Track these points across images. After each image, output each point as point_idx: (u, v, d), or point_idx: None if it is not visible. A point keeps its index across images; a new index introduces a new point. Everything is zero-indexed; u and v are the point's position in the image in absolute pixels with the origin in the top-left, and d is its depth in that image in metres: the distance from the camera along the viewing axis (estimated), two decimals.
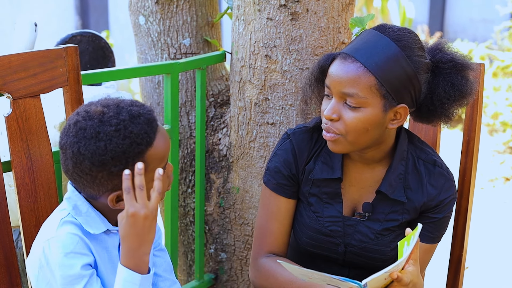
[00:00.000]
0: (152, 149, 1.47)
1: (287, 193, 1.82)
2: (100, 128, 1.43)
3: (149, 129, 1.46)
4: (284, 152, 1.80)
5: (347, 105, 1.63)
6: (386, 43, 1.62)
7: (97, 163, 1.43)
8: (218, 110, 2.48)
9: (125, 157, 1.43)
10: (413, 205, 1.75)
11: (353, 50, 1.64)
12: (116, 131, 1.43)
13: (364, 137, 1.65)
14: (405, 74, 1.62)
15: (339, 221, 1.78)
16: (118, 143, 1.42)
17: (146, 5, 2.45)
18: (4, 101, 1.74)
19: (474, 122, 2.00)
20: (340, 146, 1.67)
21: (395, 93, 1.63)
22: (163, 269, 1.73)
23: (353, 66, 1.62)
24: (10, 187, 1.92)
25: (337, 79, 1.63)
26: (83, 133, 1.44)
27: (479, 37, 7.87)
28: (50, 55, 1.76)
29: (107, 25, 8.65)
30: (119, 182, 1.44)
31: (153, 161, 1.48)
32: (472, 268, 3.64)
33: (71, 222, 1.50)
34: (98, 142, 1.42)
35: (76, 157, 1.44)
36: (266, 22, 2.14)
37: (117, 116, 1.45)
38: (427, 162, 1.77)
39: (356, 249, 1.79)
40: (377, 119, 1.64)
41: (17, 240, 2.19)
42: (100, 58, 2.66)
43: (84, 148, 1.43)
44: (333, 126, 1.65)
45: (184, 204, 2.55)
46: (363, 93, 1.61)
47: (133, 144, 1.43)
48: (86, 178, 1.46)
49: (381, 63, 1.61)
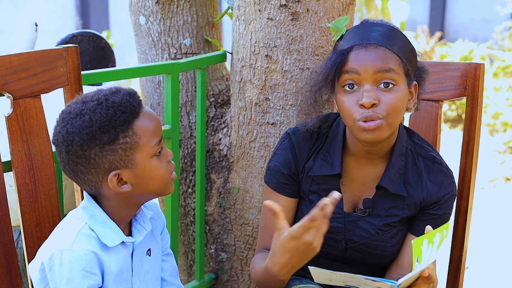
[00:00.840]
0: (139, 121, 1.48)
1: (287, 192, 1.82)
2: (83, 106, 1.48)
3: (131, 100, 1.49)
4: (284, 152, 1.81)
5: (381, 88, 1.64)
6: (391, 28, 1.69)
7: (86, 136, 1.44)
8: (218, 110, 2.49)
9: (112, 126, 1.45)
10: (413, 200, 1.76)
11: (368, 38, 1.67)
12: (98, 104, 1.47)
13: (399, 118, 1.69)
14: (412, 51, 1.71)
15: (339, 217, 1.79)
16: (102, 113, 1.45)
17: (146, 5, 2.46)
18: (5, 101, 1.74)
19: (474, 122, 2.00)
20: (382, 132, 1.65)
21: (412, 70, 1.70)
22: (169, 274, 1.73)
23: (378, 49, 1.64)
24: (11, 187, 1.92)
25: (369, 62, 1.63)
26: (69, 115, 1.48)
27: (479, 37, 7.87)
28: (50, 55, 1.77)
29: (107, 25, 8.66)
30: (114, 158, 1.46)
31: (145, 134, 1.48)
32: (472, 268, 3.64)
33: (89, 235, 1.50)
34: (83, 117, 1.46)
35: (66, 140, 1.47)
36: (266, 22, 2.14)
37: (97, 93, 1.50)
38: (426, 159, 1.78)
39: (357, 245, 1.79)
40: (406, 96, 1.68)
41: (18, 240, 2.19)
42: (100, 58, 2.66)
43: (71, 127, 1.46)
44: (375, 112, 1.63)
45: (185, 204, 2.55)
46: (397, 69, 1.65)
47: (117, 112, 1.46)
48: (81, 162, 1.47)
49: (397, 43, 1.67)
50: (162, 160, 1.53)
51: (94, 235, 1.50)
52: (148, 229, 1.61)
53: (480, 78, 1.99)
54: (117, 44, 7.01)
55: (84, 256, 1.46)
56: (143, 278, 1.62)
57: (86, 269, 1.45)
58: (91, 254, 1.47)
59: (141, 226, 1.61)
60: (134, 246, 1.59)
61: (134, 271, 1.59)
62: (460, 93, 2.03)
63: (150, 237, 1.65)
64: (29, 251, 1.73)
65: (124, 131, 1.46)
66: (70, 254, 1.45)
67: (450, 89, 2.03)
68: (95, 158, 1.46)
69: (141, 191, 1.53)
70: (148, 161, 1.49)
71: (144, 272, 1.62)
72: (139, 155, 1.48)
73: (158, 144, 1.51)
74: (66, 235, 1.50)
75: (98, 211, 1.53)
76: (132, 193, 1.52)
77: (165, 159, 1.54)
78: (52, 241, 1.52)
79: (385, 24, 1.71)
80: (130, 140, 1.47)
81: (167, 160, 1.55)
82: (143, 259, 1.62)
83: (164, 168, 1.53)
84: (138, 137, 1.47)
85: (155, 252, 1.66)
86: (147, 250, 1.63)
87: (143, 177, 1.51)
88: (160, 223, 1.70)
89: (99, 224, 1.51)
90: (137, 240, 1.59)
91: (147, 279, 1.63)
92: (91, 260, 1.46)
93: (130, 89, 1.52)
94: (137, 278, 1.60)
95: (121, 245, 1.55)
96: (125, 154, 1.47)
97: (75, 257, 1.45)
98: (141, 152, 1.48)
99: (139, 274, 1.60)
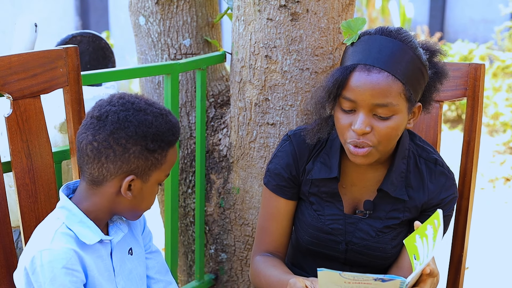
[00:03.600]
0: (172, 149, 1.57)
1: (287, 195, 1.82)
2: (147, 107, 1.53)
3: (177, 129, 1.57)
4: (285, 154, 1.81)
5: (377, 116, 1.62)
6: (402, 48, 1.61)
7: (141, 133, 1.49)
8: (218, 111, 2.48)
9: (161, 139, 1.52)
10: (414, 203, 1.76)
11: (373, 59, 1.61)
12: (160, 114, 1.53)
13: (392, 143, 1.67)
14: (421, 74, 1.65)
15: (340, 219, 1.79)
16: (162, 123, 1.52)
17: (146, 5, 2.45)
18: (5, 101, 1.74)
19: (475, 122, 1.99)
20: (371, 157, 1.66)
21: (416, 93, 1.65)
22: (156, 271, 1.73)
23: (381, 76, 1.59)
24: (10, 187, 1.92)
25: (368, 91, 1.59)
26: (132, 105, 1.52)
27: (479, 37, 7.88)
28: (50, 56, 1.76)
29: (107, 25, 8.66)
30: (141, 165, 1.51)
31: (168, 162, 1.56)
32: (473, 268, 3.64)
33: (66, 234, 1.51)
34: (146, 115, 1.51)
35: (121, 123, 1.49)
36: (266, 22, 2.14)
37: (159, 104, 1.56)
38: (428, 161, 1.78)
39: (357, 247, 1.79)
40: (405, 122, 1.66)
41: (17, 241, 2.19)
42: (100, 59, 2.66)
43: (133, 117, 1.50)
44: (366, 139, 1.62)
45: (184, 205, 2.55)
46: (396, 101, 1.60)
47: (170, 132, 1.53)
48: (117, 149, 1.49)
49: (404, 68, 1.60)
50: (157, 190, 1.60)
51: (72, 234, 1.51)
52: (125, 231, 1.64)
53: (481, 79, 1.99)
54: (117, 45, 7.01)
55: (63, 254, 1.47)
56: (127, 278, 1.63)
57: (67, 266, 1.47)
58: (70, 251, 1.48)
59: (118, 228, 1.63)
60: (112, 246, 1.60)
61: (117, 271, 1.60)
62: (461, 93, 2.03)
63: (130, 236, 1.67)
64: None
65: (163, 149, 1.53)
66: (49, 254, 1.46)
67: (450, 89, 2.03)
68: (131, 154, 1.50)
69: (130, 205, 1.57)
70: (155, 184, 1.57)
71: (127, 272, 1.63)
72: (155, 175, 1.55)
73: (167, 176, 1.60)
74: (44, 236, 1.51)
75: (76, 211, 1.54)
76: (125, 202, 1.55)
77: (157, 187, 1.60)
78: (31, 244, 1.53)
79: (398, 37, 1.63)
80: (160, 159, 1.53)
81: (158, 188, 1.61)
82: (125, 259, 1.63)
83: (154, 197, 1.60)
84: (165, 161, 1.54)
85: (137, 252, 1.68)
86: (128, 250, 1.65)
87: (143, 195, 1.56)
88: (139, 223, 1.72)
89: (77, 223, 1.53)
90: (115, 239, 1.60)
91: (131, 279, 1.64)
92: (71, 257, 1.48)
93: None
94: (121, 278, 1.61)
95: (100, 244, 1.56)
96: (149, 168, 1.53)
97: (54, 256, 1.46)
98: (157, 174, 1.55)
99: (122, 273, 1.62)
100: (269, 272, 1.77)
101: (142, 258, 1.70)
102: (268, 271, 1.78)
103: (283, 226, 1.85)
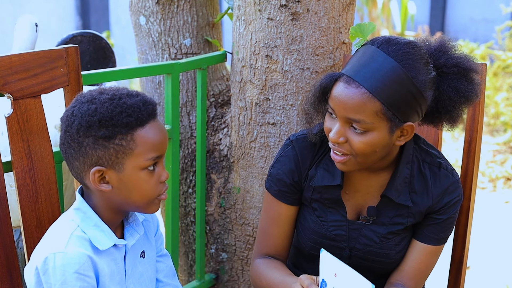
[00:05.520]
0: (143, 130, 1.47)
1: (288, 200, 1.81)
2: (97, 96, 1.49)
3: (143, 108, 1.48)
4: (287, 159, 1.79)
5: (353, 128, 1.60)
6: (390, 66, 1.56)
7: (85, 124, 1.45)
8: (218, 110, 2.48)
9: (111, 124, 1.45)
10: (418, 208, 1.74)
11: (356, 72, 1.57)
12: (110, 99, 1.47)
13: (373, 157, 1.64)
14: (411, 95, 1.58)
15: (343, 225, 1.78)
16: (108, 108, 1.46)
17: (147, 5, 2.45)
18: (5, 101, 1.74)
19: (476, 122, 1.99)
20: (350, 166, 1.66)
21: (401, 114, 1.59)
22: (164, 275, 1.72)
23: (357, 91, 1.56)
24: (11, 187, 1.92)
25: (342, 104, 1.58)
26: (81, 98, 1.50)
27: (480, 36, 7.86)
28: (51, 56, 1.76)
29: (108, 25, 8.66)
30: (103, 155, 1.46)
31: (143, 145, 1.47)
32: (474, 268, 3.64)
33: (81, 237, 1.49)
34: (91, 105, 1.47)
35: (68, 120, 1.49)
36: (266, 22, 2.13)
37: (117, 90, 1.50)
38: (433, 165, 1.75)
39: (361, 253, 1.79)
40: (384, 140, 1.61)
41: (18, 240, 2.19)
42: (100, 59, 2.66)
43: (78, 110, 1.48)
44: (342, 148, 1.63)
45: (185, 204, 2.55)
46: (369, 119, 1.57)
47: (123, 113, 1.46)
48: (74, 146, 1.48)
49: (386, 87, 1.55)
50: (152, 176, 1.51)
51: (87, 238, 1.50)
52: (141, 232, 1.62)
53: (483, 78, 1.98)
54: (117, 44, 7.00)
55: (77, 259, 1.45)
56: (137, 281, 1.61)
57: (80, 271, 1.45)
58: (84, 256, 1.46)
59: (134, 230, 1.61)
60: (127, 249, 1.58)
61: (128, 274, 1.59)
62: None
63: (144, 239, 1.65)
64: (29, 251, 1.73)
65: (122, 133, 1.46)
66: (63, 257, 1.45)
67: None
68: (86, 147, 1.47)
69: (121, 197, 1.51)
70: (137, 171, 1.49)
71: (138, 275, 1.62)
72: (129, 162, 1.48)
73: (154, 160, 1.50)
74: (58, 238, 1.49)
75: (91, 213, 1.53)
76: (111, 196, 1.51)
77: (157, 177, 1.52)
78: (45, 244, 1.52)
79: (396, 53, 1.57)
80: (125, 145, 1.46)
81: (159, 180, 1.53)
82: (137, 262, 1.62)
83: (151, 185, 1.51)
84: (134, 145, 1.47)
85: (149, 254, 1.66)
86: (141, 252, 1.63)
87: (126, 185, 1.50)
88: (153, 225, 1.70)
89: (92, 227, 1.51)
90: (130, 243, 1.59)
91: (141, 282, 1.62)
92: (85, 262, 1.46)
93: (149, 98, 1.51)
94: (131, 281, 1.60)
95: (114, 248, 1.54)
96: (116, 155, 1.47)
97: (68, 260, 1.44)
98: (132, 161, 1.47)
99: (133, 277, 1.60)
100: (271, 274, 1.77)
101: (153, 261, 1.68)
102: (270, 272, 1.78)
103: (285, 231, 1.84)
